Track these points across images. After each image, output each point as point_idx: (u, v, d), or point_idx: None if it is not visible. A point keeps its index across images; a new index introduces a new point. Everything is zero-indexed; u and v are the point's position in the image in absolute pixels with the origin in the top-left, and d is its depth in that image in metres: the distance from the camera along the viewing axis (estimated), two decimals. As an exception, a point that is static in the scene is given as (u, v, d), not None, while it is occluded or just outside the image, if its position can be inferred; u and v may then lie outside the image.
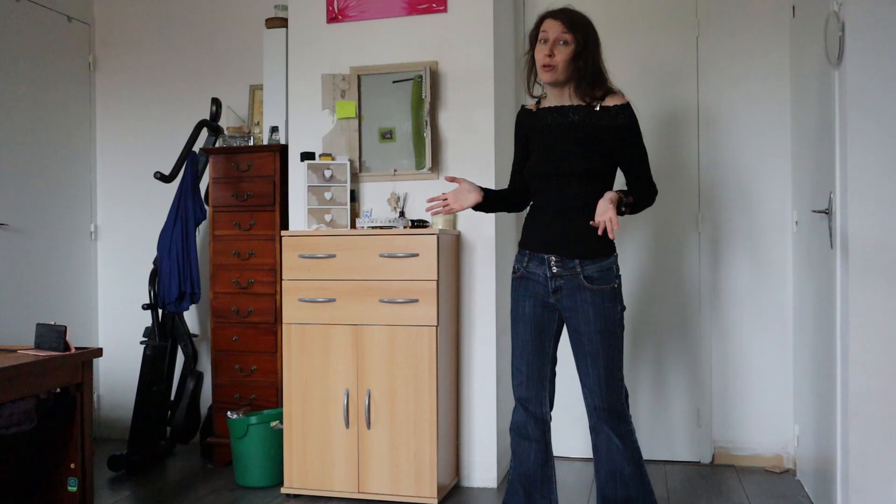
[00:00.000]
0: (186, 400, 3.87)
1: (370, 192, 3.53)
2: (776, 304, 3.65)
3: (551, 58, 2.45)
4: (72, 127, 4.32)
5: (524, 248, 2.56)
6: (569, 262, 2.45)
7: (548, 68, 2.46)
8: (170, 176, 3.71)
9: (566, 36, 2.44)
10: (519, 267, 2.56)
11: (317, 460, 3.20)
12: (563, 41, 2.44)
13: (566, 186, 2.47)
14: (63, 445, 2.99)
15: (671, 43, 3.77)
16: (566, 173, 2.46)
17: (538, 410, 2.54)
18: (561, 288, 2.47)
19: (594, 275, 2.44)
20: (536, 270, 2.50)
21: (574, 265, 2.44)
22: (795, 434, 3.54)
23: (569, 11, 2.49)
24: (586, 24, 2.48)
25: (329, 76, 3.54)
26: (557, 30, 2.45)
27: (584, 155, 2.45)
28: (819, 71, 2.93)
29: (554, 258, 2.47)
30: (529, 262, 2.52)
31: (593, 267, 2.44)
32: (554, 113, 2.52)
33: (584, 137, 2.46)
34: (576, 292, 2.45)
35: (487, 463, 3.42)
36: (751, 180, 3.70)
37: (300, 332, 3.22)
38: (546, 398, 2.56)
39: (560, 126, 2.50)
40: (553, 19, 2.47)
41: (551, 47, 2.45)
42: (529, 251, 2.53)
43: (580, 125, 2.47)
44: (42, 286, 4.07)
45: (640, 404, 3.77)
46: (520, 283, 2.55)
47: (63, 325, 2.97)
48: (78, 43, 4.36)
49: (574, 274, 2.45)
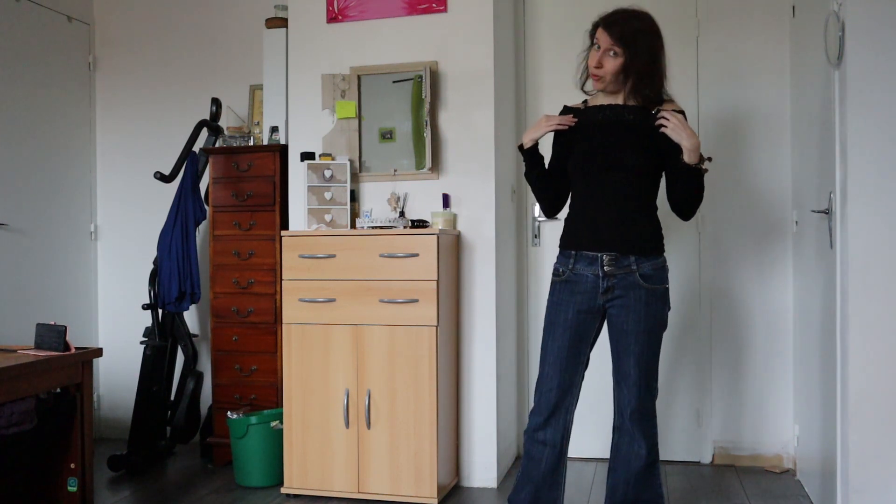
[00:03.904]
0: (186, 400, 3.87)
1: (370, 192, 3.53)
2: (776, 304, 3.65)
3: (599, 68, 2.42)
4: (72, 127, 4.32)
5: (569, 248, 2.48)
6: (623, 259, 2.40)
7: (596, 77, 2.45)
8: (170, 176, 3.70)
9: (616, 48, 2.39)
10: (563, 270, 2.48)
11: (317, 460, 3.20)
12: (612, 52, 2.40)
13: (618, 182, 2.42)
14: (63, 445, 2.99)
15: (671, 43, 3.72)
16: (619, 167, 2.41)
17: (564, 417, 2.50)
18: (613, 287, 2.42)
19: (650, 272, 2.41)
20: (585, 272, 2.44)
21: (629, 262, 2.40)
22: (796, 434, 3.54)
23: (621, 22, 2.41)
24: (639, 33, 2.40)
25: (329, 76, 3.54)
26: (607, 41, 2.40)
27: (639, 151, 2.41)
28: (819, 71, 2.93)
29: (607, 256, 2.41)
30: (576, 264, 2.45)
31: (649, 265, 2.41)
32: (607, 111, 2.48)
33: (640, 136, 2.42)
34: (629, 291, 2.41)
35: (487, 463, 3.42)
36: (751, 180, 3.70)
37: (300, 332, 3.22)
38: (573, 405, 2.52)
39: (615, 123, 2.46)
40: (604, 29, 2.41)
41: (600, 58, 2.41)
42: (576, 251, 2.46)
43: (636, 125, 2.44)
44: (42, 286, 4.07)
45: (640, 404, 3.76)
46: (564, 286, 2.48)
47: (63, 325, 2.97)
48: (78, 43, 4.36)
49: (629, 272, 2.40)
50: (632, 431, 2.47)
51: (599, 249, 2.42)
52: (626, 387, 2.46)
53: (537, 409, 2.51)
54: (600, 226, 2.43)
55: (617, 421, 2.52)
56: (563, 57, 3.57)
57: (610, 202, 2.43)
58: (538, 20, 3.92)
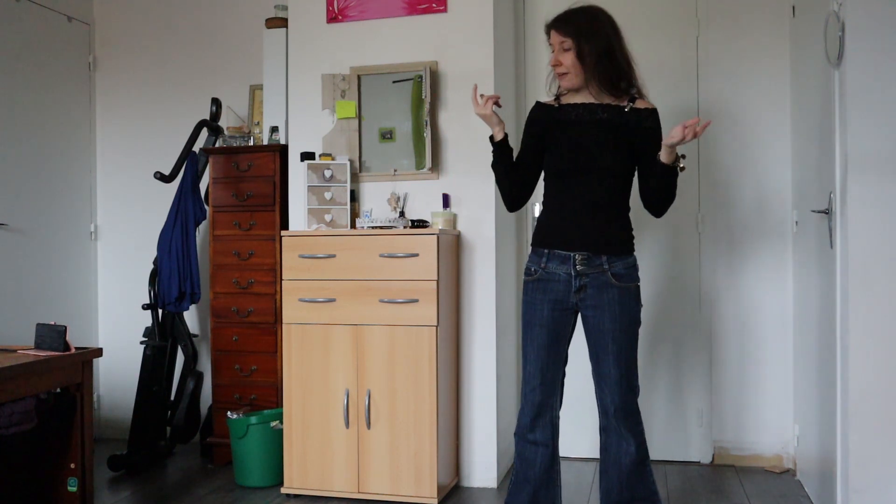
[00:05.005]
0: (186, 400, 3.87)
1: (370, 192, 3.53)
2: (776, 304, 3.65)
3: (559, 66, 2.47)
4: (72, 127, 4.33)
5: (541, 246, 2.51)
6: (596, 259, 2.43)
7: (560, 76, 2.49)
8: (170, 176, 3.71)
9: (565, 41, 2.45)
10: (536, 268, 2.51)
11: (317, 460, 3.20)
12: (564, 46, 2.45)
13: (591, 182, 2.44)
14: (63, 445, 2.99)
15: (671, 43, 3.77)
16: (593, 169, 2.44)
17: (550, 415, 2.51)
18: (586, 286, 2.44)
19: (622, 272, 2.44)
20: (557, 270, 2.46)
21: (601, 262, 2.43)
22: (796, 434, 3.54)
23: (565, 15, 2.48)
24: (583, 21, 2.45)
25: (329, 76, 3.54)
26: (557, 38, 2.47)
27: (612, 151, 2.43)
28: (819, 71, 2.93)
29: (579, 256, 2.43)
30: (548, 262, 2.47)
31: (620, 264, 2.44)
32: (580, 109, 2.50)
33: (613, 135, 2.44)
34: (602, 290, 2.43)
35: (488, 463, 3.42)
36: (751, 180, 3.70)
37: (300, 332, 3.22)
38: (558, 402, 2.55)
39: (588, 122, 2.47)
40: (552, 28, 2.49)
41: (556, 56, 2.47)
42: (548, 250, 2.48)
43: (609, 123, 2.45)
44: (42, 286, 4.07)
45: (640, 405, 3.75)
46: (536, 285, 2.50)
47: (63, 325, 2.97)
48: (78, 43, 4.36)
49: (601, 271, 2.43)
50: (619, 430, 2.48)
51: (572, 249, 2.44)
52: (607, 387, 2.47)
53: (524, 410, 2.53)
54: (573, 226, 2.46)
55: (602, 422, 2.52)
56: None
57: (583, 203, 2.46)
58: (538, 20, 3.92)
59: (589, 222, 2.45)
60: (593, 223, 2.45)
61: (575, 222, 2.46)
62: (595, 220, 2.45)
